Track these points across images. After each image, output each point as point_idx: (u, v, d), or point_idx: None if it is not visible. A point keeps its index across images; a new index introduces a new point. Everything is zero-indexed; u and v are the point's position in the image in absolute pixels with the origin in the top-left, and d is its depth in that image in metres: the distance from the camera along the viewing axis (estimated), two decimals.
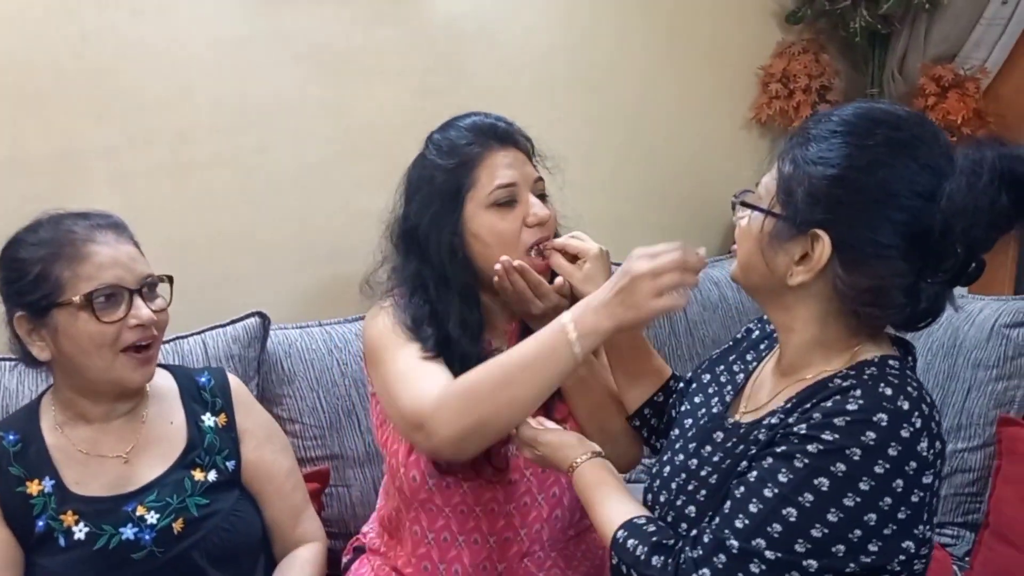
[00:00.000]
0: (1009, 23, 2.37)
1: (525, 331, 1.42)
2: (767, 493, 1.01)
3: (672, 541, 1.09)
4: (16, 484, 1.36)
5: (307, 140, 2.07)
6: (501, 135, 1.44)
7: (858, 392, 1.01)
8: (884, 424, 0.98)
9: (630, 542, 1.10)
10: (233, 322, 1.83)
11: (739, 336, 1.37)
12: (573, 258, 1.41)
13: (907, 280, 1.03)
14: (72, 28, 1.82)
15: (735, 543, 1.01)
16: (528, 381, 1.21)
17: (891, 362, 1.07)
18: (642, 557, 1.08)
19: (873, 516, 0.97)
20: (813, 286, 1.08)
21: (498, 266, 1.35)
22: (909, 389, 1.02)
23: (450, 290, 1.41)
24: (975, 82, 2.39)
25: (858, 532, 0.97)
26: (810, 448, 0.99)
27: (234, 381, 1.57)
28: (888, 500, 0.98)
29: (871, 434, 0.98)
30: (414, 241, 1.44)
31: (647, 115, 2.47)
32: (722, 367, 1.34)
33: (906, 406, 1.00)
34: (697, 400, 1.31)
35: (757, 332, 1.35)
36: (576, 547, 1.52)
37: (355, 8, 2.07)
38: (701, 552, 1.03)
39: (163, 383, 1.51)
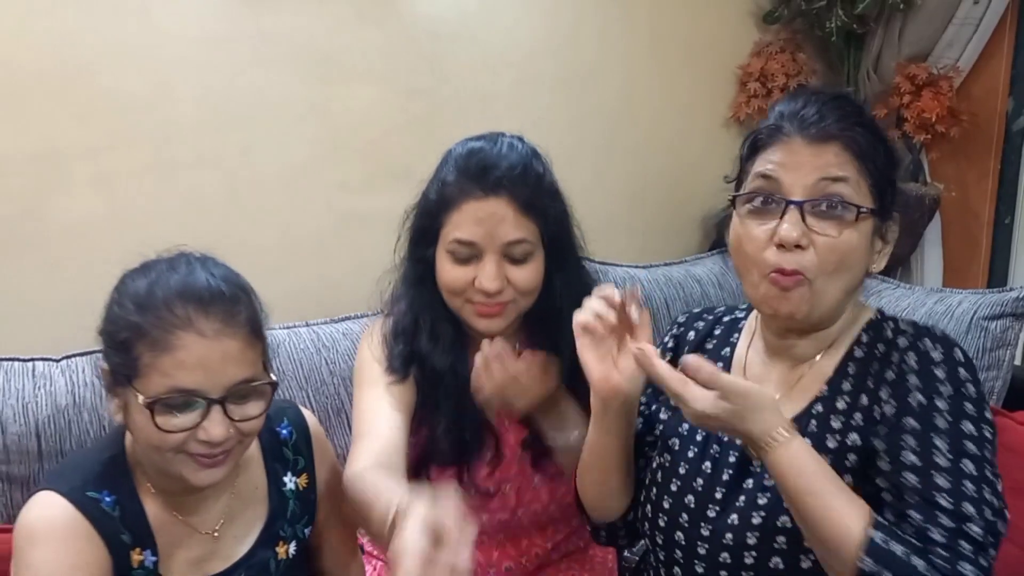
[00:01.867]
0: (980, 23, 2.42)
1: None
2: (938, 453, 1.01)
3: (918, 541, 0.97)
4: (125, 553, 1.16)
5: (291, 140, 2.06)
6: (491, 183, 1.32)
7: (926, 340, 1.09)
8: (959, 356, 1.08)
9: (895, 547, 0.94)
10: None
11: (675, 335, 1.35)
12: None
13: None
14: (53, 27, 1.80)
15: (975, 515, 0.97)
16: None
17: (886, 314, 1.18)
18: (913, 563, 0.93)
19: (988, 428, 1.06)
20: None
21: (478, 360, 1.30)
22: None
23: (425, 305, 1.41)
24: (948, 80, 2.43)
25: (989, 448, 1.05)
26: (940, 392, 1.04)
27: (312, 425, 1.35)
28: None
29: (962, 368, 1.07)
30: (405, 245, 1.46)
31: (628, 114, 2.49)
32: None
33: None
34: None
35: (692, 333, 1.32)
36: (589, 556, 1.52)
37: (338, 8, 2.06)
38: (951, 537, 0.96)
39: None
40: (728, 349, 1.26)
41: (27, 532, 1.11)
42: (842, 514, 0.96)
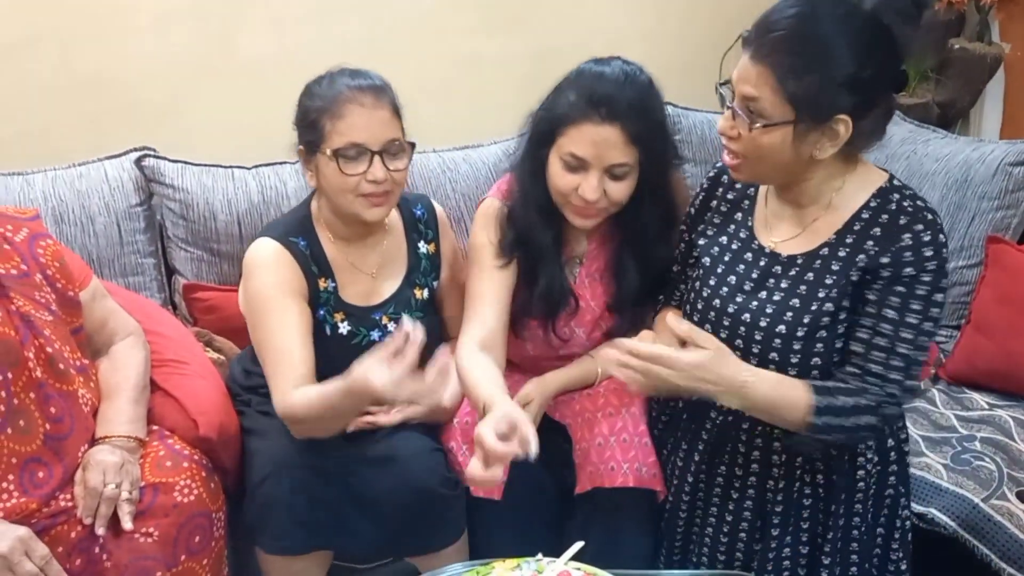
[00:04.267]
0: None
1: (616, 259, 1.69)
2: (911, 320, 1.34)
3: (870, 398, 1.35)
4: (315, 280, 1.64)
5: None
6: (609, 113, 1.53)
7: (919, 227, 1.33)
8: (942, 240, 1.35)
9: (836, 399, 1.34)
10: None
11: (710, 177, 1.58)
12: None
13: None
14: None
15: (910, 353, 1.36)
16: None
17: (895, 183, 1.40)
18: (851, 426, 1.35)
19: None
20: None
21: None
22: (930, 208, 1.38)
23: (535, 196, 1.64)
24: None
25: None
26: (923, 278, 1.34)
27: (439, 210, 1.82)
28: None
29: (943, 252, 1.35)
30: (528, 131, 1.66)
31: None
32: (712, 204, 1.55)
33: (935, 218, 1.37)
34: (710, 233, 1.54)
35: (725, 177, 1.53)
36: None
37: None
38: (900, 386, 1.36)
39: (393, 215, 1.74)
40: (752, 189, 1.53)
41: (251, 263, 1.63)
42: (796, 407, 1.35)
